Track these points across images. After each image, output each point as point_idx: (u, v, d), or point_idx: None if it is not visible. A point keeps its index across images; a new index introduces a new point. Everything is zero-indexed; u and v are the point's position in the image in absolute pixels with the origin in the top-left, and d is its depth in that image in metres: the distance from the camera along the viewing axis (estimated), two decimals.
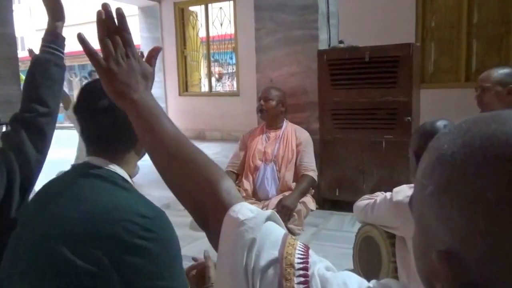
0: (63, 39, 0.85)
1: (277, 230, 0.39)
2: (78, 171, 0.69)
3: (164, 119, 0.49)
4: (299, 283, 0.34)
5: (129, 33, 0.52)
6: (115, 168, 0.68)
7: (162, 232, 0.61)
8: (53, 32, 0.83)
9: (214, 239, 0.41)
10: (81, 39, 0.50)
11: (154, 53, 0.56)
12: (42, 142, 0.80)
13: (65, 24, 0.86)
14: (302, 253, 0.37)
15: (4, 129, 0.80)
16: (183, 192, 0.46)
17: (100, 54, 0.52)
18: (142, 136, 0.50)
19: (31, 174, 0.78)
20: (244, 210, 0.41)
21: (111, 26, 0.51)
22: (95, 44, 0.52)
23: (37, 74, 0.82)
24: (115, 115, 0.64)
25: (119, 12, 0.51)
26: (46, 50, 0.82)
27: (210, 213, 0.43)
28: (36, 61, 0.82)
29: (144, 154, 0.74)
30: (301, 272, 0.35)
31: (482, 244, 0.24)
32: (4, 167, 0.73)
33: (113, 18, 0.51)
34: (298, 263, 0.36)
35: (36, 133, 0.79)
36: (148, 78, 0.53)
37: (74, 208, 0.62)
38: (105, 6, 0.50)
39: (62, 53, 0.85)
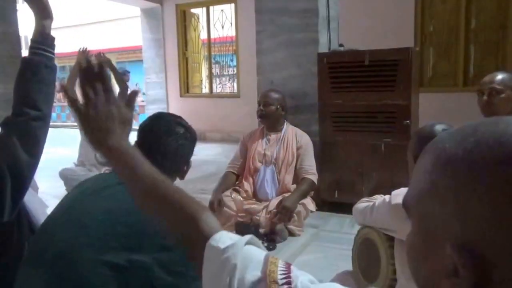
0: (53, 38, 0.82)
1: (257, 253, 0.41)
2: None
3: (141, 162, 0.51)
4: None
5: (109, 80, 0.54)
6: None
7: None
8: (42, 32, 0.80)
9: (197, 269, 0.43)
10: (62, 87, 0.52)
11: (134, 95, 0.58)
12: (34, 147, 0.78)
13: (65, 25, 0.84)
14: (284, 269, 0.39)
15: None
16: (170, 227, 0.48)
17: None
18: (124, 180, 0.52)
19: (23, 178, 0.76)
20: (224, 238, 0.42)
21: (92, 73, 0.52)
22: (97, 45, 0.54)
23: (28, 76, 0.79)
24: (180, 144, 0.80)
25: (99, 61, 0.53)
26: (36, 52, 0.79)
27: (192, 245, 0.45)
28: (26, 63, 0.80)
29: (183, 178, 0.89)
30: (285, 286, 0.37)
31: (503, 236, 0.25)
32: None
33: (93, 66, 0.52)
34: (281, 278, 0.37)
35: (28, 137, 0.77)
36: (126, 124, 0.54)
37: (118, 205, 0.67)
38: (86, 55, 0.52)
39: (53, 53, 0.82)
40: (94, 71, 0.52)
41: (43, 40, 0.81)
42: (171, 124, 0.84)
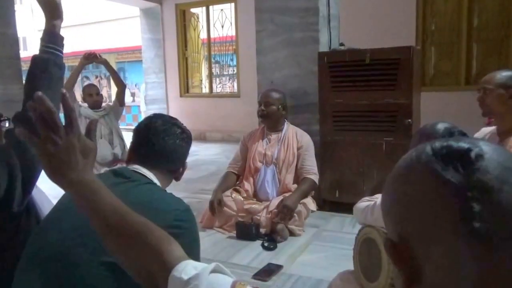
0: (62, 38, 0.85)
1: (223, 281, 0.40)
2: (126, 174, 0.79)
3: (104, 195, 0.50)
4: None
5: (73, 111, 0.51)
6: (156, 180, 0.81)
7: (190, 223, 0.71)
8: (52, 31, 0.83)
9: None
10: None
11: (93, 126, 0.56)
12: None
13: (65, 25, 0.86)
14: None
15: (7, 125, 0.81)
16: (133, 264, 0.48)
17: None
18: (86, 214, 0.50)
19: (33, 170, 0.79)
20: (188, 268, 0.42)
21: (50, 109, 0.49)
22: (97, 45, 0.51)
23: (36, 74, 0.82)
24: (178, 144, 0.84)
25: (62, 93, 0.50)
26: (45, 50, 0.82)
27: (158, 277, 0.44)
28: (35, 61, 0.82)
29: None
30: None
31: (413, 232, 0.29)
32: (6, 163, 0.75)
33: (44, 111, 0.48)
34: None
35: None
36: (89, 155, 0.52)
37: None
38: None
39: (61, 52, 0.84)
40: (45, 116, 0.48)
41: (53, 39, 0.83)
42: (168, 125, 0.86)
